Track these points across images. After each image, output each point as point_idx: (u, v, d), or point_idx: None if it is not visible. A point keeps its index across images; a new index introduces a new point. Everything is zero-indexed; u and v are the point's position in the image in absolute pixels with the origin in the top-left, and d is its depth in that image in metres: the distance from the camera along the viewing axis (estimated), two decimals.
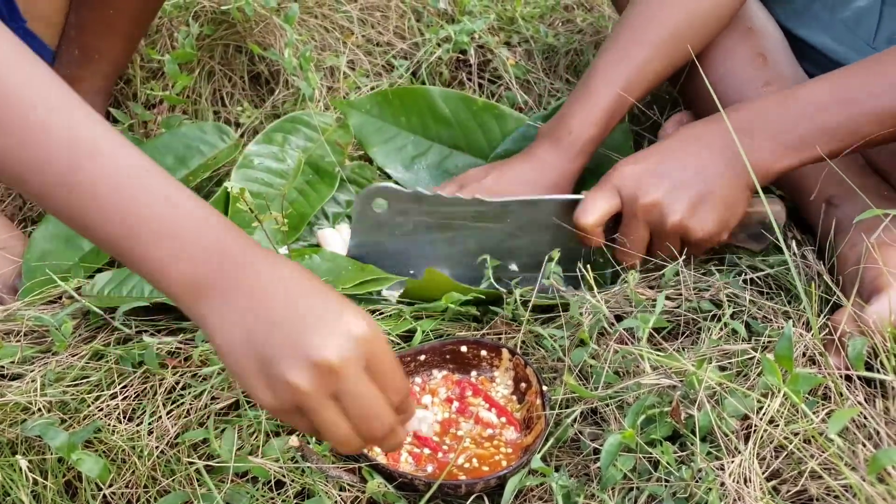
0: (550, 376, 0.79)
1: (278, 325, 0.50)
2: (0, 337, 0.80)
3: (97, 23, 0.98)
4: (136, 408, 0.72)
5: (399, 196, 0.86)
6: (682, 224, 0.79)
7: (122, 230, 0.50)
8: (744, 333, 0.74)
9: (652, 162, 0.81)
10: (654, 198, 0.79)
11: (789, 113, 0.78)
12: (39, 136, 0.50)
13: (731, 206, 0.80)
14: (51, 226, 0.92)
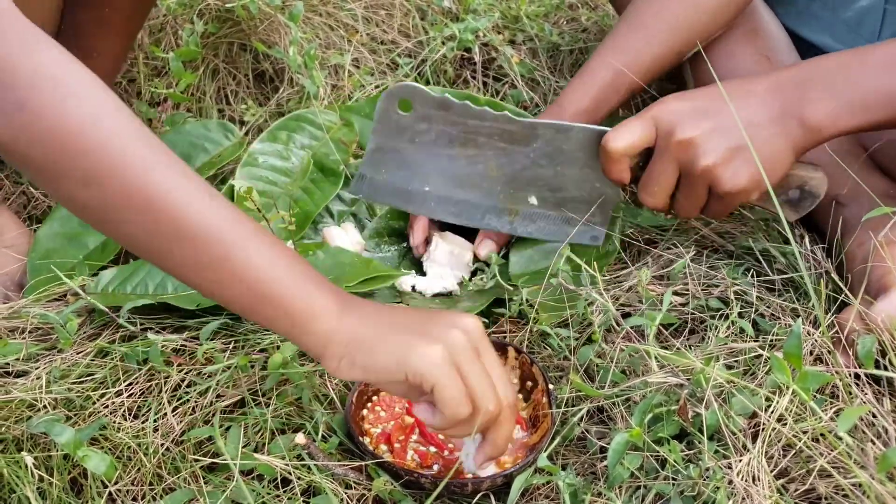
0: (556, 375, 0.78)
1: (413, 315, 0.63)
2: (5, 334, 0.80)
3: (93, 22, 0.98)
4: (142, 405, 0.72)
5: (426, 99, 0.83)
6: (713, 170, 0.74)
7: (266, 306, 0.58)
8: (751, 332, 0.73)
9: (698, 101, 0.76)
10: (691, 135, 0.74)
11: (852, 71, 0.73)
12: (193, 229, 0.57)
13: (771, 164, 0.74)
14: (55, 224, 0.92)
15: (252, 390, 0.73)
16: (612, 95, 0.92)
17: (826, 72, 0.73)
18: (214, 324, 0.76)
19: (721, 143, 0.73)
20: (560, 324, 0.81)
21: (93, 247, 0.92)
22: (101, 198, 0.56)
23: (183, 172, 0.58)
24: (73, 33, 0.99)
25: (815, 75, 0.74)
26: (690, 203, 0.77)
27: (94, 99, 0.57)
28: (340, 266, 0.85)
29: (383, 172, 0.88)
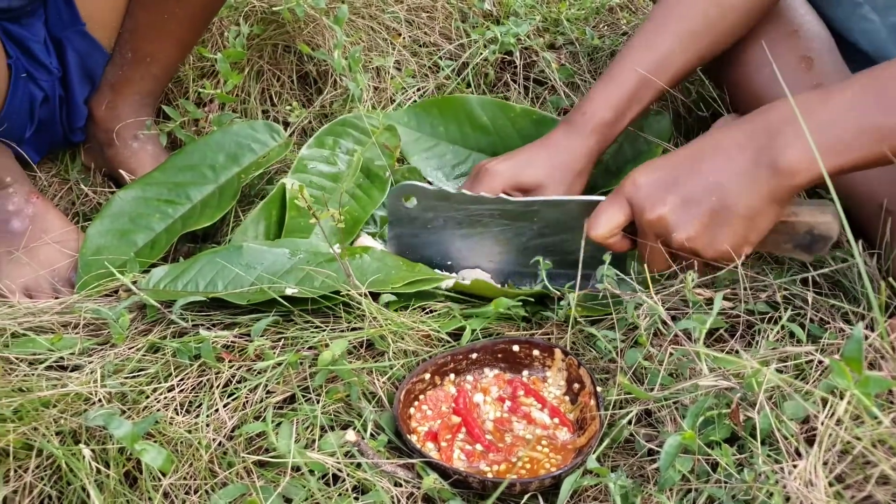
0: (601, 377, 0.78)
1: None
2: (58, 328, 0.81)
3: (151, 27, 0.99)
4: (193, 400, 0.73)
5: (426, 193, 0.89)
6: (691, 243, 0.73)
7: None
8: (802, 336, 0.73)
9: (664, 172, 0.75)
10: (660, 213, 0.74)
11: (819, 112, 0.69)
12: None
13: (751, 221, 0.72)
14: (106, 221, 0.94)
15: (302, 387, 0.74)
16: (634, 105, 0.92)
17: (793, 116, 0.69)
18: (266, 321, 0.77)
19: (691, 215, 0.73)
20: (605, 326, 0.81)
21: (142, 244, 0.93)
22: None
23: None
24: (131, 37, 1.01)
25: (783, 120, 0.70)
26: (691, 265, 0.77)
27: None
28: (386, 268, 0.86)
29: (408, 253, 0.93)
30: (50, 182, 1.09)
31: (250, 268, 0.85)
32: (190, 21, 1.00)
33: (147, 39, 1.00)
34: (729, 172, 0.72)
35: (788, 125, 0.70)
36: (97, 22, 1.00)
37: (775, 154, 0.70)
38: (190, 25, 1.01)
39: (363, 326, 0.79)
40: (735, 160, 0.72)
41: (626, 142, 1.04)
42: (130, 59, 1.02)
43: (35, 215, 0.93)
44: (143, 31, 1.00)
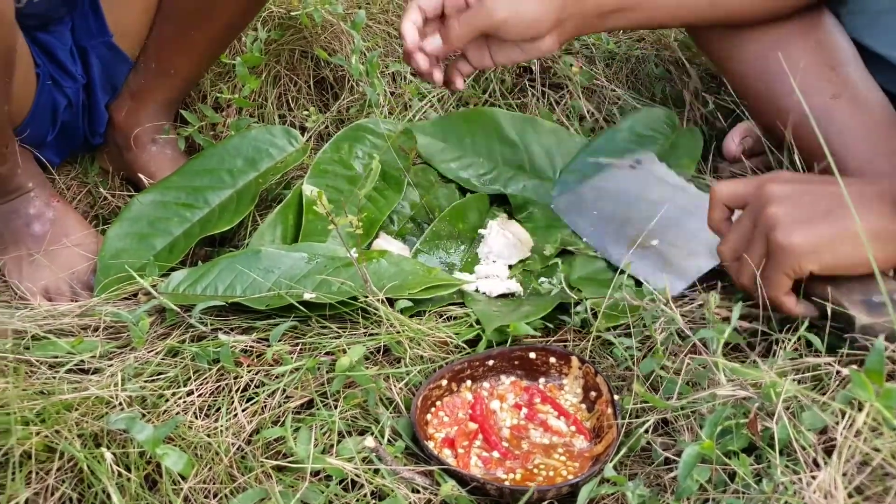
0: (617, 385, 0.78)
1: None
2: (78, 331, 0.82)
3: (176, 41, 1.01)
4: (212, 404, 0.74)
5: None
6: (784, 249, 0.71)
7: None
8: (821, 346, 0.73)
9: (812, 186, 0.74)
10: (776, 211, 0.72)
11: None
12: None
13: (848, 254, 0.70)
14: (125, 224, 0.95)
15: (319, 392, 0.74)
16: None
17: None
18: (284, 326, 0.77)
19: (810, 225, 0.71)
20: (622, 333, 0.81)
21: (160, 248, 0.94)
22: None
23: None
24: (156, 48, 1.02)
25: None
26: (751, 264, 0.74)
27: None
28: (403, 273, 0.86)
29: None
30: (69, 185, 1.11)
31: (268, 272, 0.85)
32: (215, 38, 1.01)
33: (172, 52, 1.01)
34: (870, 223, 0.69)
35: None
36: (123, 33, 1.01)
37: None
38: (214, 42, 1.02)
39: (380, 332, 0.80)
40: (875, 212, 0.71)
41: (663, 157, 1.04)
42: (154, 70, 1.03)
43: (56, 219, 0.94)
44: (168, 45, 1.01)
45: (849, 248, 0.70)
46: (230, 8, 1.00)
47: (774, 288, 0.73)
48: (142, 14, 1.03)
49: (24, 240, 0.93)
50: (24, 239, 0.93)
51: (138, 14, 1.03)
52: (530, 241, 0.97)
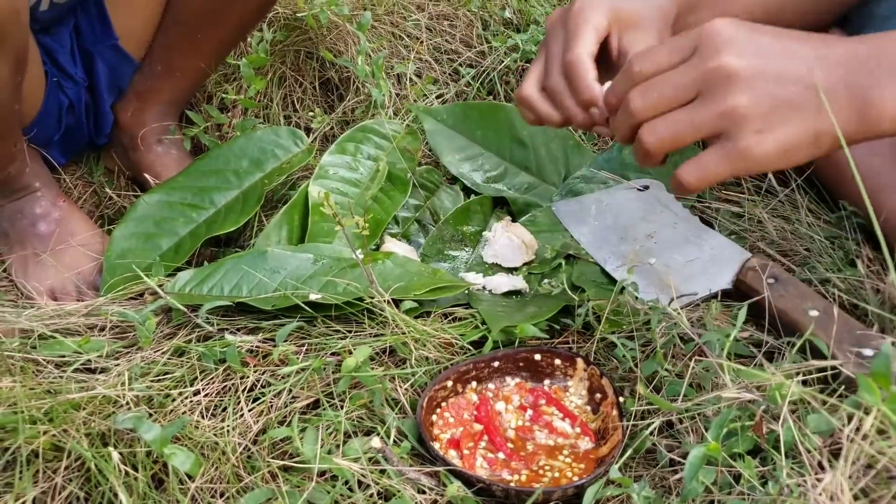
0: (621, 386, 0.78)
1: None
2: (84, 330, 0.82)
3: (184, 45, 1.01)
4: (218, 404, 0.74)
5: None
6: (739, 112, 0.57)
7: None
8: (826, 351, 0.73)
9: (748, 30, 0.60)
10: (726, 63, 0.58)
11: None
12: None
13: (814, 139, 0.59)
14: (131, 225, 0.95)
15: (325, 392, 0.74)
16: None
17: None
18: (290, 326, 0.77)
19: (766, 88, 0.57)
20: (626, 335, 0.81)
21: (166, 248, 0.94)
22: None
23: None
24: (162, 51, 1.02)
25: (889, 58, 0.59)
26: (681, 128, 0.60)
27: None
28: (409, 275, 0.86)
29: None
30: (74, 184, 1.11)
31: (274, 272, 0.85)
32: (222, 41, 1.02)
33: (178, 55, 1.02)
34: (823, 80, 0.58)
35: (882, 63, 0.58)
36: (129, 35, 1.02)
37: (871, 90, 0.58)
38: (221, 45, 1.02)
39: (385, 332, 0.80)
40: (832, 73, 0.58)
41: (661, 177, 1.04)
42: (160, 72, 1.04)
43: (62, 219, 0.94)
44: (175, 48, 1.01)
45: (811, 151, 0.59)
46: (238, 12, 1.01)
47: (706, 176, 0.61)
48: (148, 17, 1.03)
49: (30, 239, 0.94)
50: (30, 238, 0.94)
51: (144, 17, 1.03)
52: (534, 244, 0.97)
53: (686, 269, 0.88)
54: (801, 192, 0.98)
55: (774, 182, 0.98)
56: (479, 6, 1.29)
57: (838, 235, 0.92)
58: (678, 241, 0.92)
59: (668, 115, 0.59)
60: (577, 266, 0.94)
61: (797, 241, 0.92)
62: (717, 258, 0.88)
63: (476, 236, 1.00)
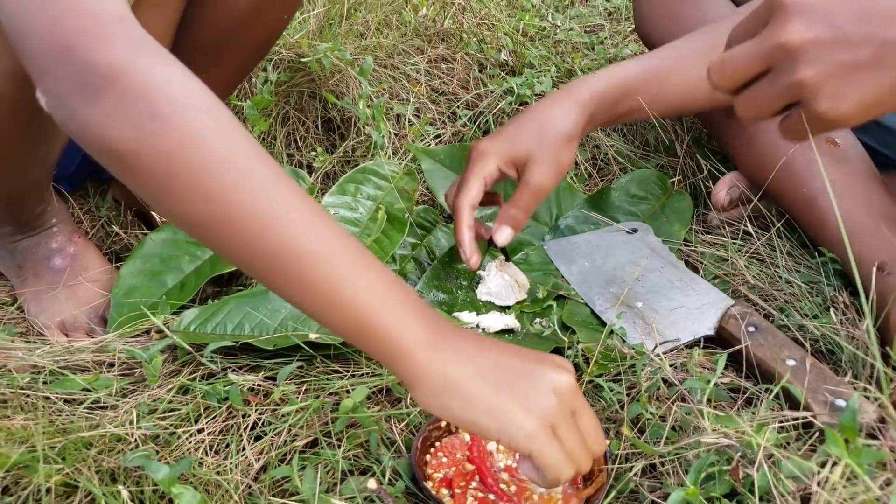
0: (607, 427, 0.82)
1: (512, 364, 0.62)
2: (92, 367, 0.85)
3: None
4: (221, 442, 0.77)
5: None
6: (810, 83, 0.57)
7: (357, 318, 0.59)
8: (799, 396, 0.77)
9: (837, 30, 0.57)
10: (800, 38, 0.57)
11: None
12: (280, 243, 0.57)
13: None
14: (138, 262, 0.98)
15: (324, 431, 0.78)
16: (636, 92, 0.92)
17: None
18: (290, 367, 0.81)
19: (834, 56, 0.57)
20: (611, 378, 0.85)
21: (171, 285, 0.98)
22: (220, 213, 0.56)
23: (297, 192, 0.58)
24: None
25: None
26: (760, 102, 0.61)
27: (220, 115, 0.57)
28: None
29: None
30: (82, 217, 1.14)
31: (275, 311, 0.89)
32: (227, 79, 1.05)
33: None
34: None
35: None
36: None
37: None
38: (226, 83, 1.06)
39: (382, 372, 0.83)
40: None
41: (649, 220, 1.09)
42: None
43: (76, 254, 0.98)
44: None
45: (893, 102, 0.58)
46: (239, 49, 1.05)
47: (801, 134, 0.60)
48: None
49: (44, 273, 0.97)
50: (44, 272, 0.97)
51: None
52: (527, 284, 1.01)
53: (671, 315, 0.91)
54: (782, 237, 1.02)
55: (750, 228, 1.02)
56: (475, 49, 1.33)
57: (817, 281, 0.96)
58: (664, 285, 0.96)
59: (748, 90, 0.61)
60: (568, 306, 0.97)
61: (777, 285, 0.96)
62: (700, 304, 0.92)
63: (471, 275, 1.03)
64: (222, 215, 0.56)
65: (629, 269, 1.00)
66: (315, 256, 0.57)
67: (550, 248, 1.06)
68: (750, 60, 0.60)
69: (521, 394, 0.60)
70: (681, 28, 1.14)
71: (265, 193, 0.56)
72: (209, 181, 0.55)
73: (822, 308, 0.92)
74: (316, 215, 0.59)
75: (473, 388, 0.60)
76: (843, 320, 0.87)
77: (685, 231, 1.07)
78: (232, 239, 0.57)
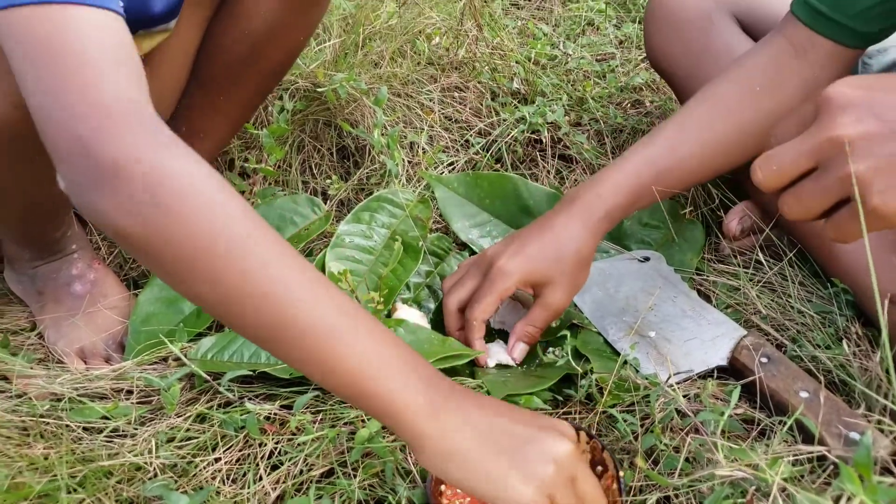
0: (621, 458, 0.82)
1: (512, 430, 0.64)
2: (111, 394, 0.86)
3: (207, 106, 1.06)
4: (238, 471, 0.78)
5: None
6: (862, 177, 0.56)
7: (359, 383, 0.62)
8: (813, 428, 0.77)
9: (871, 91, 0.58)
10: (847, 133, 0.56)
11: None
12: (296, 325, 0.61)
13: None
14: (155, 289, 0.99)
15: (339, 461, 0.78)
16: (646, 197, 0.92)
17: None
18: (307, 396, 0.82)
19: (885, 150, 0.56)
20: (625, 409, 0.85)
21: (188, 312, 0.99)
22: (226, 294, 0.60)
23: (296, 265, 0.62)
24: (187, 114, 1.08)
25: None
26: (808, 201, 0.60)
27: (223, 201, 0.60)
28: (419, 343, 0.91)
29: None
30: (101, 244, 1.16)
31: None
32: (244, 103, 1.07)
33: (202, 117, 1.07)
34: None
35: None
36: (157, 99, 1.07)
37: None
38: (244, 107, 1.08)
39: None
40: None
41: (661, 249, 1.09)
42: (184, 133, 1.09)
43: (96, 280, 0.99)
44: (199, 110, 1.07)
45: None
46: (256, 75, 1.06)
47: (846, 234, 0.60)
48: (174, 81, 1.09)
49: (64, 299, 0.98)
50: (64, 298, 0.98)
51: (171, 80, 1.09)
52: None
53: (684, 345, 0.92)
54: (794, 266, 1.03)
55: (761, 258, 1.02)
56: (488, 77, 1.35)
57: (830, 311, 0.96)
58: (677, 315, 0.97)
59: (795, 188, 0.61)
60: (581, 335, 0.98)
61: (789, 315, 0.97)
62: (713, 334, 0.92)
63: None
64: (227, 297, 0.60)
65: (642, 298, 1.00)
66: (317, 331, 0.60)
67: None
68: (799, 157, 0.59)
69: (520, 461, 0.62)
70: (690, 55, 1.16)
71: (266, 273, 0.60)
72: (213, 265, 0.59)
73: (835, 339, 0.92)
74: (316, 286, 0.62)
75: (472, 454, 0.62)
76: (857, 352, 0.87)
77: (697, 260, 1.07)
78: (238, 317, 0.61)
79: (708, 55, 1.14)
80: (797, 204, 0.60)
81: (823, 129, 0.58)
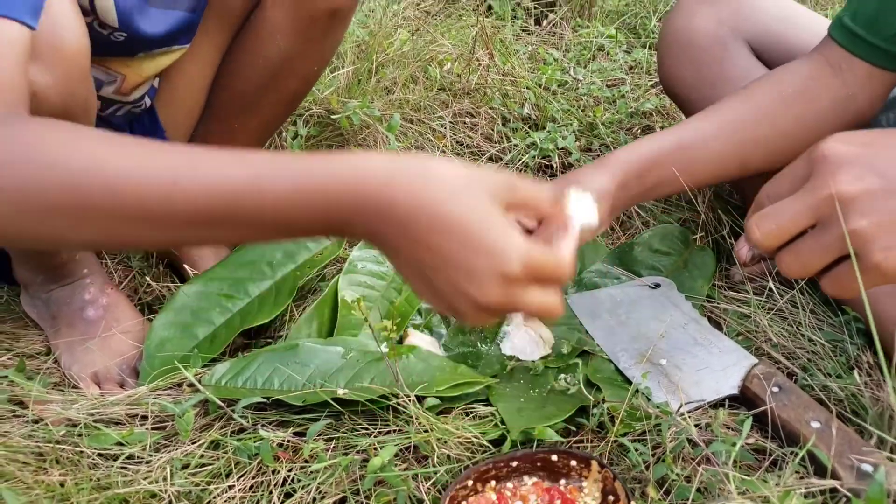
0: (632, 487, 0.82)
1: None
2: (126, 420, 0.87)
3: (221, 135, 1.08)
4: (251, 498, 0.78)
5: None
6: (863, 233, 0.57)
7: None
8: (826, 460, 0.77)
9: (869, 148, 0.58)
10: (848, 191, 0.57)
11: None
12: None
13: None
14: (170, 314, 1.00)
15: (352, 489, 0.79)
16: (665, 165, 0.92)
17: None
18: (319, 425, 0.82)
19: (886, 205, 0.57)
20: (636, 438, 0.86)
21: (202, 337, 1.00)
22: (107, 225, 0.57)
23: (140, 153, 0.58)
24: (202, 140, 1.09)
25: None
26: (808, 258, 0.61)
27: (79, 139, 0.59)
28: (431, 370, 0.91)
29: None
30: (114, 269, 1.17)
31: (304, 366, 0.91)
32: (260, 130, 1.09)
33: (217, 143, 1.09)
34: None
35: None
36: (175, 127, 1.09)
37: None
38: (259, 134, 1.09)
39: (409, 429, 0.85)
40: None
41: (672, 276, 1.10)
42: None
43: (109, 305, 1.00)
44: (214, 139, 1.09)
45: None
46: (270, 102, 1.08)
47: (850, 290, 0.60)
48: (191, 108, 1.11)
49: (77, 324, 0.99)
50: (77, 323, 0.99)
51: (187, 108, 1.11)
52: (552, 339, 1.02)
53: (695, 374, 0.92)
54: (805, 293, 1.03)
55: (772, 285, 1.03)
56: (499, 103, 1.36)
57: (841, 339, 0.96)
58: (688, 342, 0.97)
59: (793, 246, 0.61)
60: (593, 362, 0.98)
61: (800, 343, 0.97)
62: (724, 363, 0.92)
63: (495, 328, 1.05)
64: (110, 227, 0.57)
65: (653, 325, 1.01)
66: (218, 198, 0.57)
67: (574, 302, 1.07)
68: (797, 215, 0.58)
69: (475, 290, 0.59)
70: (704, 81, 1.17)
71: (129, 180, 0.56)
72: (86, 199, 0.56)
73: (846, 367, 0.92)
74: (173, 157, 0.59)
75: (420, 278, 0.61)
76: (868, 381, 0.87)
77: (708, 286, 1.08)
78: (135, 238, 0.59)
79: (723, 81, 1.14)
80: (796, 262, 0.60)
81: (822, 186, 0.58)
